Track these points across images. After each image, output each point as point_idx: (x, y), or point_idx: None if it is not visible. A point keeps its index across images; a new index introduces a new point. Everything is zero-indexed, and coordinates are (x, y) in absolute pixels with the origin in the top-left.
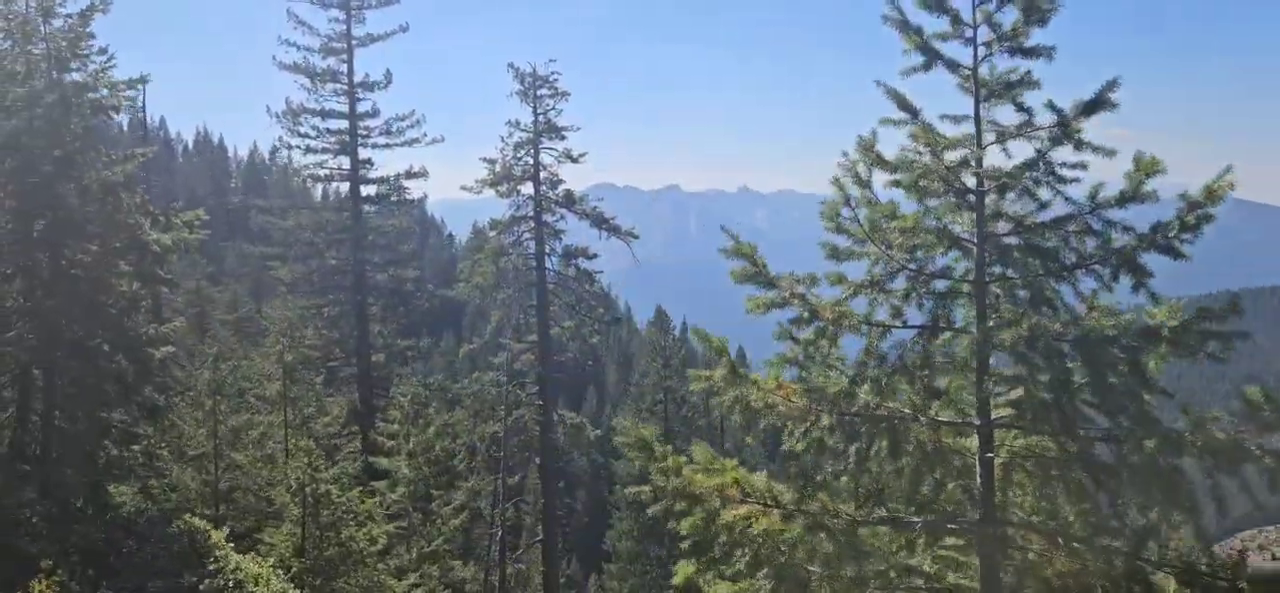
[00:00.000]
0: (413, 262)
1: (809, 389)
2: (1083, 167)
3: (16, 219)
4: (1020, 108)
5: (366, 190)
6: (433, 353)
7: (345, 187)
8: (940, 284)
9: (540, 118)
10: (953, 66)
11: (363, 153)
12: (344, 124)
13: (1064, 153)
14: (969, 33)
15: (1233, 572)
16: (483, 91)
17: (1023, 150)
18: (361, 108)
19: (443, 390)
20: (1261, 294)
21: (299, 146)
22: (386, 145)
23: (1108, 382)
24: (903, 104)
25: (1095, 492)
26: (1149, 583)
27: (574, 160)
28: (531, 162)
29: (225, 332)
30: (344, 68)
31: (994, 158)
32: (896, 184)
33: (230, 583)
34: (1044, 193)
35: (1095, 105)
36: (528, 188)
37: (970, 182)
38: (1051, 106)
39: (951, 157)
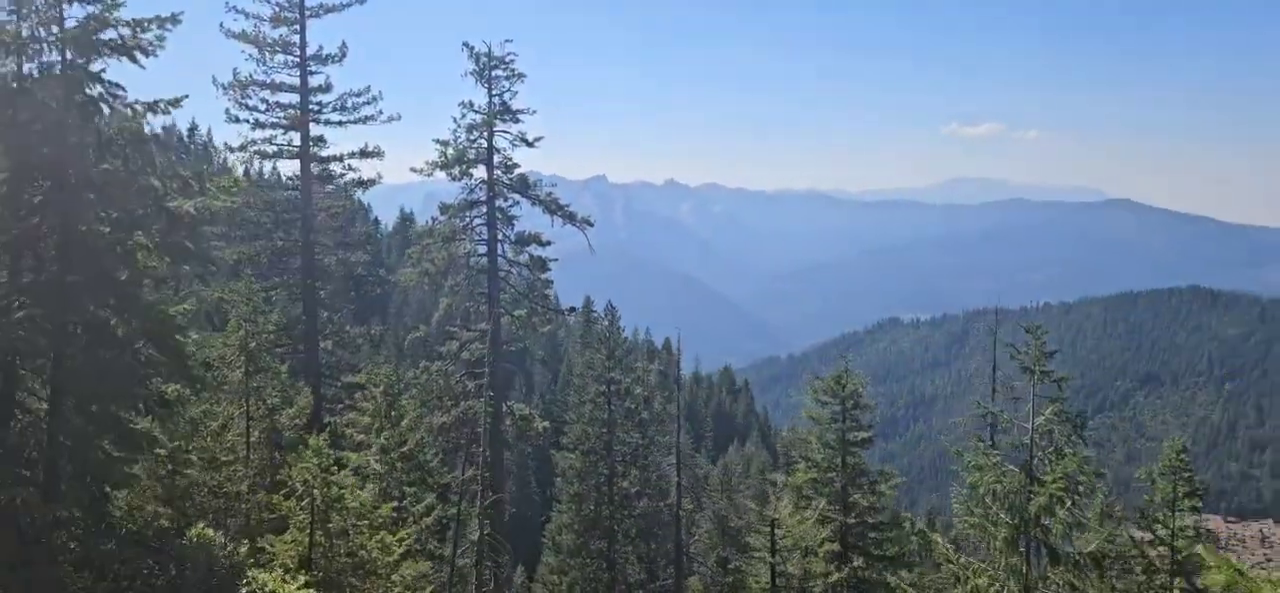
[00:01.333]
0: (366, 245)
1: None
2: None
3: (14, 179)
4: None
5: (317, 169)
6: (385, 340)
7: (294, 165)
8: None
9: (495, 99)
10: None
11: (315, 129)
12: (295, 98)
13: None
14: None
15: None
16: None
17: None
18: (314, 82)
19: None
20: (1159, 295)
21: (247, 119)
22: (340, 122)
23: None
24: None
25: None
26: None
27: (530, 144)
28: (485, 144)
29: None
30: (296, 38)
31: None
32: None
33: None
34: None
35: None
36: (481, 171)
37: None
38: None
39: None
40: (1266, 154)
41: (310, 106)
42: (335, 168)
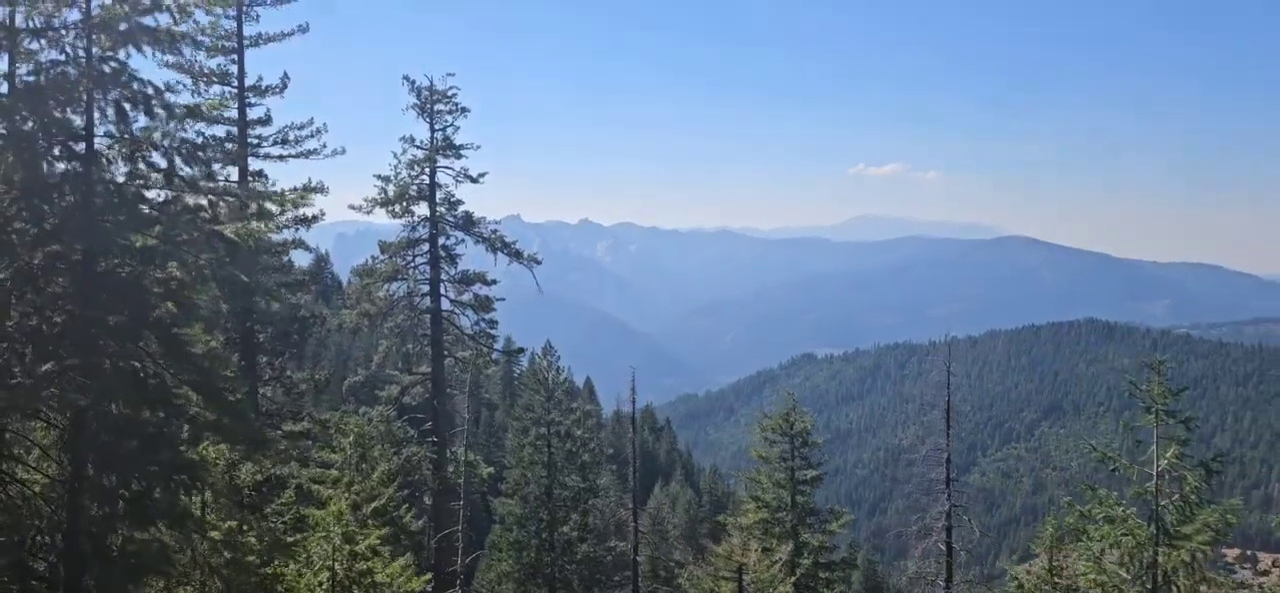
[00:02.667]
0: (311, 285)
1: None
2: None
3: (25, 195)
4: None
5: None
6: (332, 385)
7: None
8: None
9: (438, 134)
10: None
11: (254, 163)
12: (232, 130)
13: None
14: None
15: None
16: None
17: None
18: (253, 114)
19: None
20: (1060, 328)
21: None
22: (281, 157)
23: None
24: None
25: None
26: None
27: (474, 181)
28: (428, 181)
29: None
30: (233, 68)
31: None
32: None
33: None
34: None
35: None
36: (423, 209)
37: None
38: None
39: None
40: (1147, 195)
41: (249, 140)
42: (273, 206)
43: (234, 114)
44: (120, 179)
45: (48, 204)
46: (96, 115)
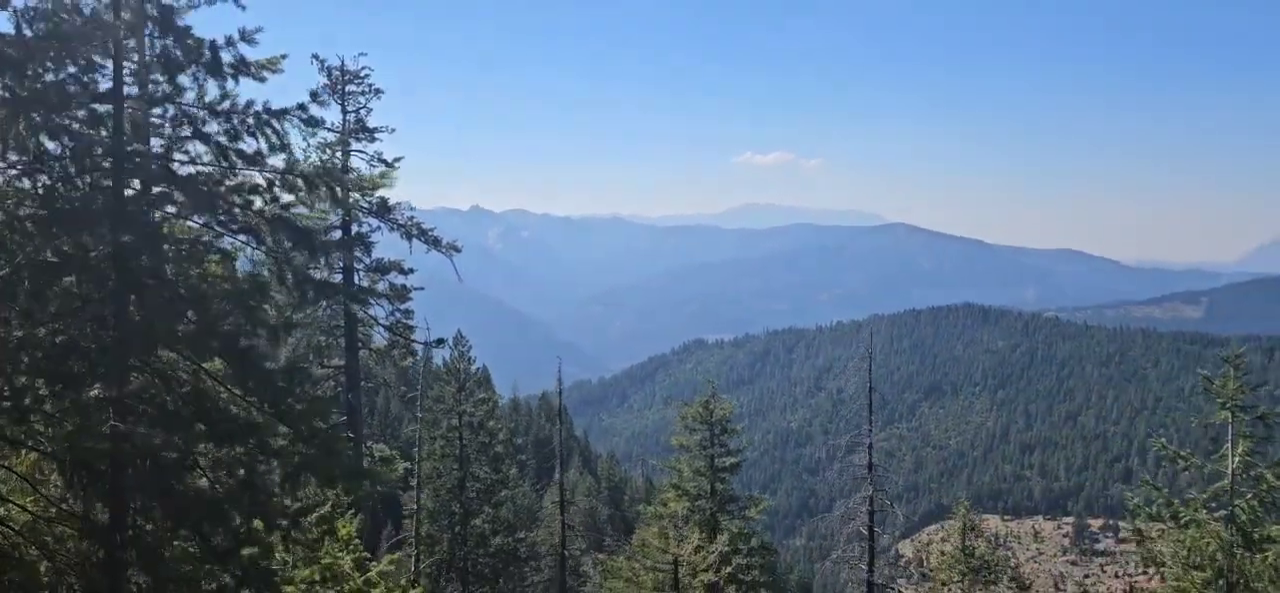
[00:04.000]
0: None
1: None
2: None
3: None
4: None
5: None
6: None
7: None
8: None
9: (350, 116)
10: None
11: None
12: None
13: None
14: None
15: None
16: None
17: None
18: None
19: None
20: (939, 312)
21: None
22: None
23: None
24: None
25: None
26: None
27: (388, 165)
28: (340, 166)
29: None
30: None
31: None
32: None
33: None
34: None
35: None
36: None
37: None
38: None
39: None
40: (1020, 184)
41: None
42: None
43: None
44: (157, 151)
45: (66, 182)
46: (130, 68)
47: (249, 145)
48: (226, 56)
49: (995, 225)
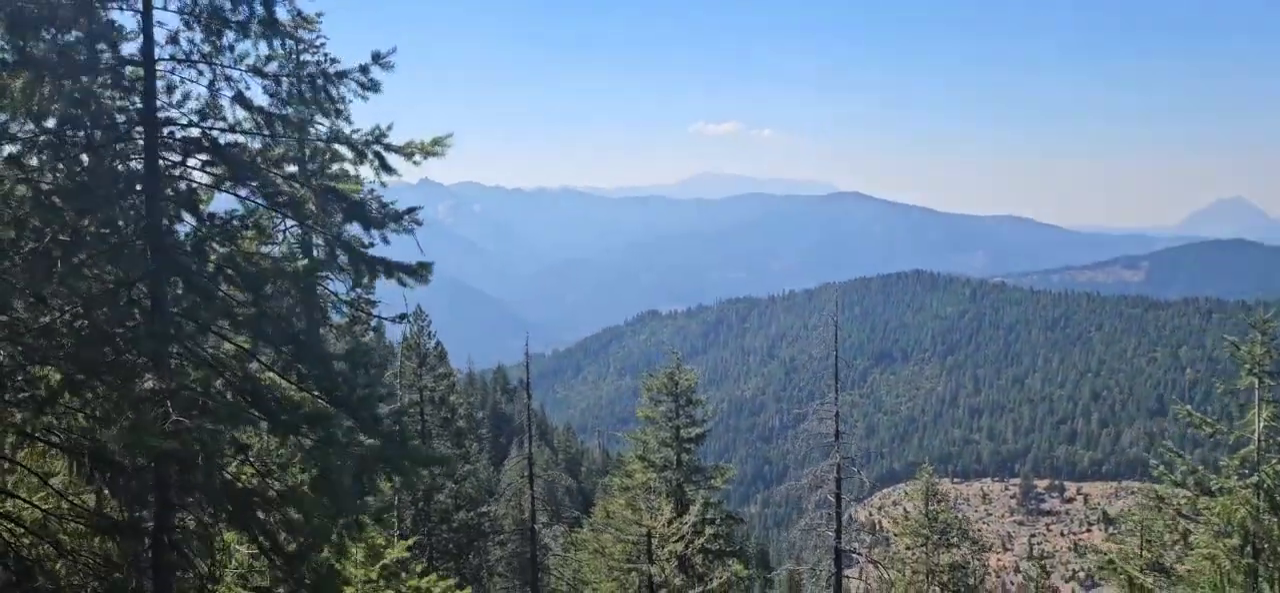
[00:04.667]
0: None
1: None
2: None
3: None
4: None
5: None
6: None
7: None
8: None
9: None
10: None
11: None
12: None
13: None
14: None
15: None
16: None
17: None
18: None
19: None
20: (889, 280)
21: None
22: None
23: None
24: None
25: None
26: None
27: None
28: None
29: None
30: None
31: None
32: None
33: None
34: None
35: None
36: (292, 166)
37: None
38: None
39: None
40: (968, 152)
41: None
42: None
43: None
44: (188, 119)
45: (94, 153)
46: (163, 27)
47: (299, 112)
48: (281, 12)
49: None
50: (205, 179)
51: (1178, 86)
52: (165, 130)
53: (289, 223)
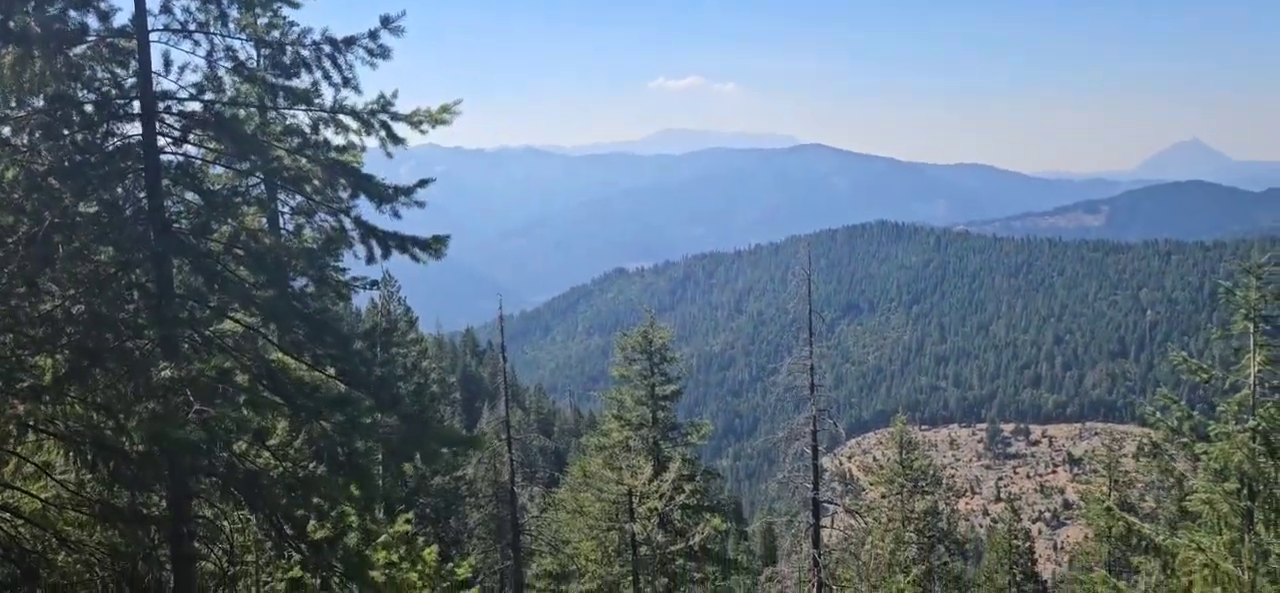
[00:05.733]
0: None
1: None
2: None
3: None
4: None
5: None
6: None
7: None
8: None
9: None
10: None
11: None
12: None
13: None
14: None
15: None
16: None
17: None
18: None
19: None
20: (854, 231)
21: None
22: None
23: None
24: None
25: None
26: None
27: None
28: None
29: None
30: None
31: None
32: None
33: None
34: None
35: None
36: None
37: None
38: None
39: None
40: (929, 101)
41: None
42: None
43: None
44: (187, 91)
45: (89, 131)
46: None
47: (303, 81)
48: None
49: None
50: (205, 154)
51: (1133, 29)
52: (162, 104)
53: (295, 199)
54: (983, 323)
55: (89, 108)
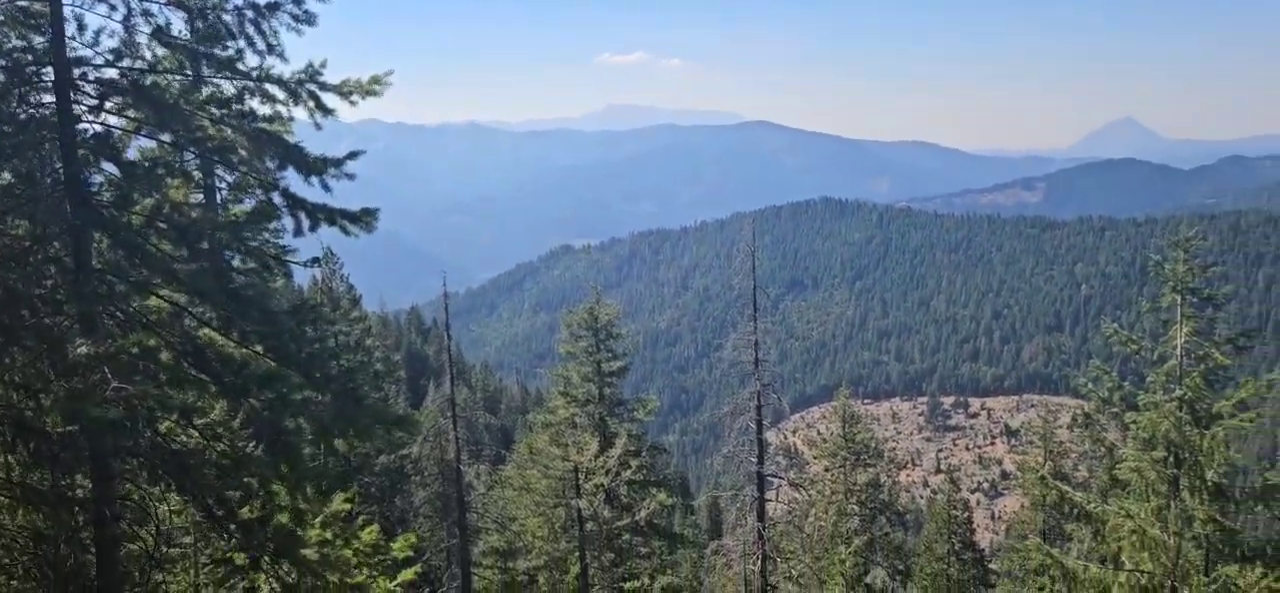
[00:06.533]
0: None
1: None
2: None
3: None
4: None
5: None
6: None
7: None
8: None
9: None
10: None
11: None
12: None
13: None
14: None
15: None
16: None
17: None
18: None
19: None
20: (799, 208)
21: None
22: None
23: None
24: None
25: None
26: None
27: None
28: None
29: None
30: None
31: None
32: None
33: None
34: None
35: None
36: None
37: None
38: None
39: None
40: (874, 78)
41: None
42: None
43: None
44: (103, 58)
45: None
46: None
47: (225, 48)
48: None
49: (850, 120)
50: (125, 124)
51: (1068, 7)
52: (77, 71)
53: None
54: (924, 298)
55: None
